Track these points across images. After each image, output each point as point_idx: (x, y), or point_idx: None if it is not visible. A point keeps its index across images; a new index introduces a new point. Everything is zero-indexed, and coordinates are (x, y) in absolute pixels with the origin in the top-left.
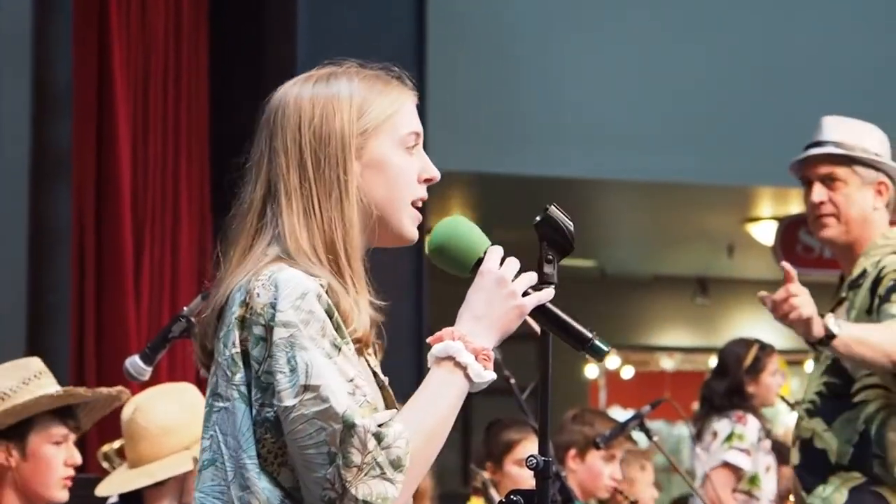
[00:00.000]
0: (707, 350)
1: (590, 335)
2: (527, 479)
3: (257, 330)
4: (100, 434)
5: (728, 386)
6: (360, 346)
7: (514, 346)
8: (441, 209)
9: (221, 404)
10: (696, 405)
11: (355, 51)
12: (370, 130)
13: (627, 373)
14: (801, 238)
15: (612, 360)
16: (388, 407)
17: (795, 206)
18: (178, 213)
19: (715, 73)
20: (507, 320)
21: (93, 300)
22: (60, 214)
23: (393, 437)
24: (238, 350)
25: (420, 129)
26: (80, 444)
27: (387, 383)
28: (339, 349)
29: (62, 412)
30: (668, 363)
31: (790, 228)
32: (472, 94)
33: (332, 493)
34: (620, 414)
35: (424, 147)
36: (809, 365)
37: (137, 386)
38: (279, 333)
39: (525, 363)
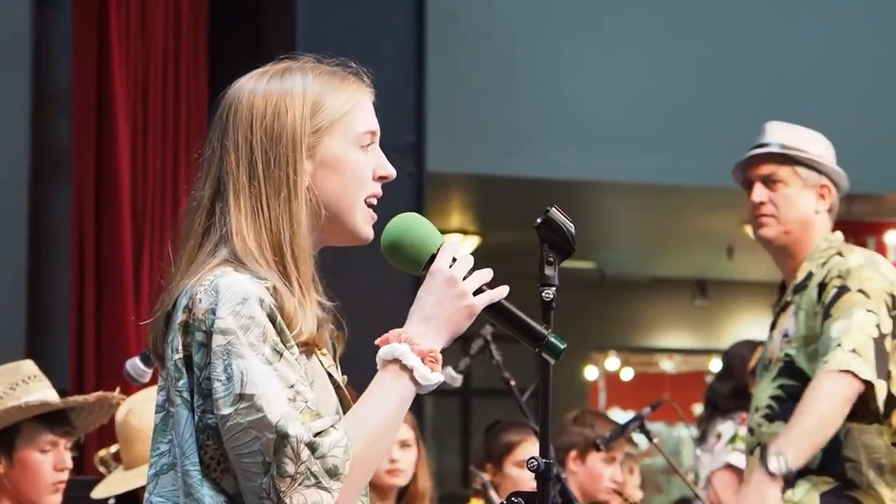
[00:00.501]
0: (706, 352)
1: (544, 332)
2: (527, 481)
3: (199, 336)
4: (99, 437)
5: (733, 388)
6: (309, 348)
7: (514, 348)
8: (441, 211)
9: (173, 409)
10: (696, 407)
11: (355, 52)
12: (324, 128)
13: (627, 374)
14: None
15: (612, 362)
16: (345, 407)
17: None
18: (178, 214)
19: (715, 75)
20: (456, 321)
21: (92, 300)
22: (60, 214)
23: (329, 445)
24: (181, 356)
25: (376, 127)
26: (80, 447)
27: (345, 382)
28: (281, 354)
29: (50, 418)
30: (667, 365)
31: None
32: (471, 96)
33: (267, 501)
34: (620, 416)
35: (424, 150)
36: None
37: (136, 388)
38: (217, 341)
39: (525, 365)
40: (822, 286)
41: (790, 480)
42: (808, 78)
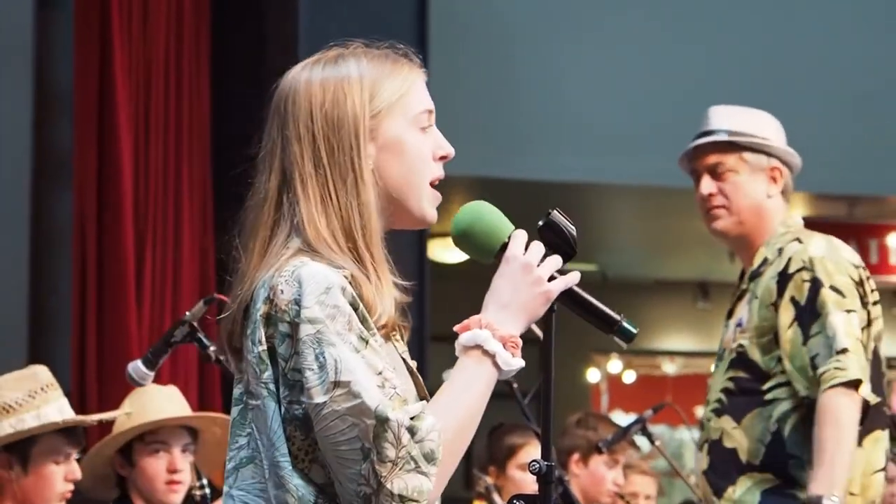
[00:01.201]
0: (709, 354)
1: (617, 317)
2: (530, 484)
3: (283, 327)
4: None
5: None
6: (386, 331)
7: None
8: (442, 213)
9: (253, 402)
10: (698, 409)
11: None
12: (383, 111)
13: (629, 377)
14: None
15: (614, 365)
16: (418, 392)
17: (796, 210)
18: (180, 216)
19: (716, 77)
20: (533, 306)
21: (94, 303)
22: (61, 217)
23: (426, 429)
24: (264, 347)
25: (432, 106)
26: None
27: (415, 368)
28: (367, 342)
29: (67, 430)
30: (669, 367)
31: None
32: (473, 99)
33: (367, 488)
34: (622, 418)
35: None
36: None
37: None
38: (305, 330)
39: (527, 367)
40: (785, 276)
41: None
42: (809, 79)
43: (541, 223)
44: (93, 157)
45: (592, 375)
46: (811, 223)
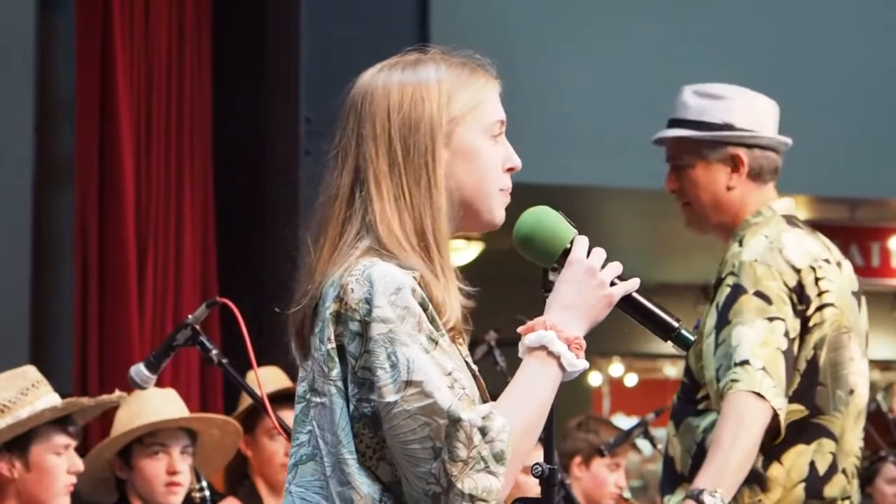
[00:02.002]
0: None
1: (676, 325)
2: (532, 487)
3: (353, 325)
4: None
5: None
6: (453, 334)
7: (516, 354)
8: None
9: (318, 399)
10: None
11: (357, 58)
12: (458, 118)
13: (631, 380)
14: None
15: (616, 368)
16: (481, 395)
17: (798, 213)
18: (182, 221)
19: (717, 80)
20: (597, 310)
21: (96, 308)
22: (63, 222)
23: (497, 430)
24: (334, 345)
25: (504, 117)
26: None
27: (477, 371)
28: (436, 343)
29: (62, 420)
30: (671, 370)
31: None
32: None
33: (436, 487)
34: (624, 421)
35: None
36: None
37: None
38: (377, 329)
39: None
40: (718, 280)
41: None
42: (811, 82)
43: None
44: (94, 161)
45: (594, 379)
46: (813, 226)
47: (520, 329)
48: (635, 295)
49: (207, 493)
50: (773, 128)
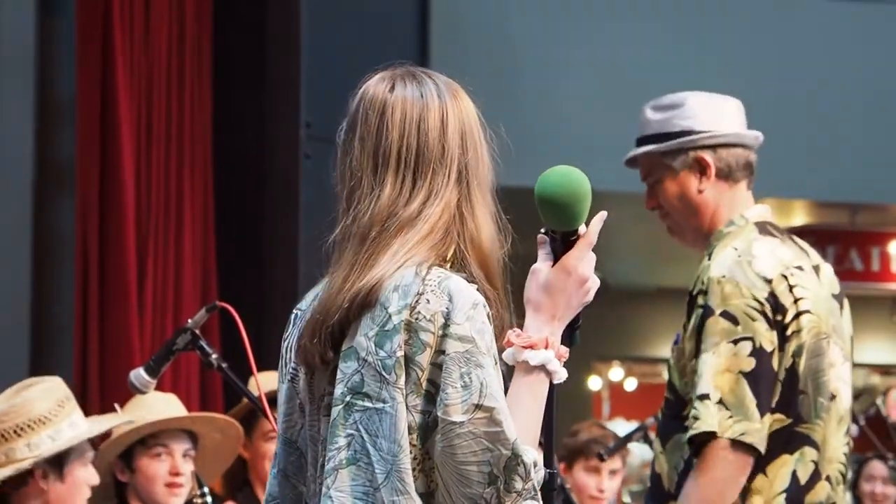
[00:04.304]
0: None
1: (578, 323)
2: None
3: (424, 336)
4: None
5: None
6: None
7: None
8: None
9: (368, 404)
10: None
11: (357, 63)
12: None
13: (631, 384)
14: None
15: (616, 372)
16: None
17: (798, 218)
18: (182, 225)
19: (716, 86)
20: (572, 316)
21: (96, 312)
22: (64, 226)
23: (539, 461)
24: (402, 353)
25: None
26: None
27: None
28: (496, 364)
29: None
30: None
31: None
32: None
33: None
34: (624, 426)
35: None
36: None
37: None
38: (454, 347)
39: None
40: (690, 297)
41: None
42: (811, 89)
43: (543, 231)
44: (95, 166)
45: (594, 383)
46: (813, 231)
47: (514, 339)
48: None
49: (209, 499)
50: (738, 124)
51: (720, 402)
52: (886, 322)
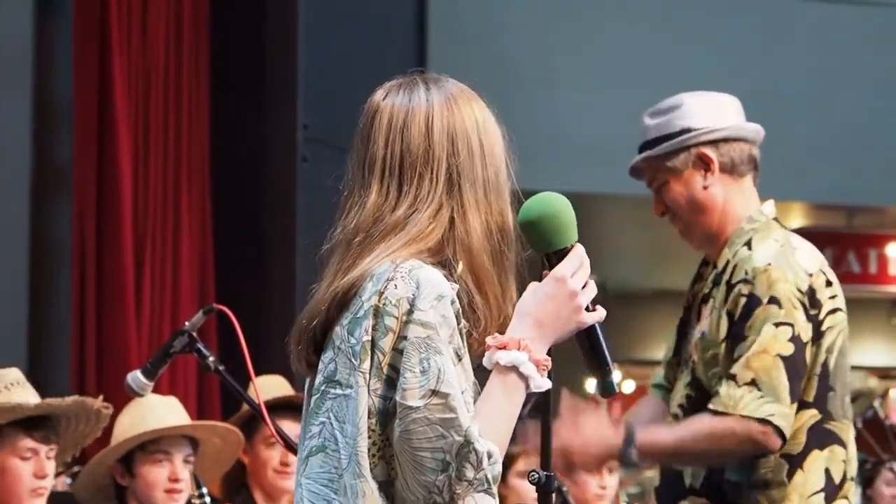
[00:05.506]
0: None
1: (610, 367)
2: (528, 492)
3: (388, 321)
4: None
5: None
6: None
7: None
8: None
9: (339, 391)
10: None
11: (355, 65)
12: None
13: (628, 387)
14: None
15: (614, 375)
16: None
17: (796, 220)
18: (179, 228)
19: (715, 87)
20: (564, 332)
21: (94, 314)
22: (61, 229)
23: (496, 453)
24: (369, 338)
25: None
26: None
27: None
28: (460, 359)
29: (29, 425)
30: None
31: None
32: None
33: (438, 498)
34: None
35: None
36: None
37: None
38: (416, 332)
39: None
40: (728, 286)
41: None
42: (808, 90)
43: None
44: (92, 169)
45: (591, 386)
46: (811, 233)
47: (490, 341)
48: (597, 326)
49: (208, 500)
50: (737, 119)
51: (752, 382)
52: (884, 324)
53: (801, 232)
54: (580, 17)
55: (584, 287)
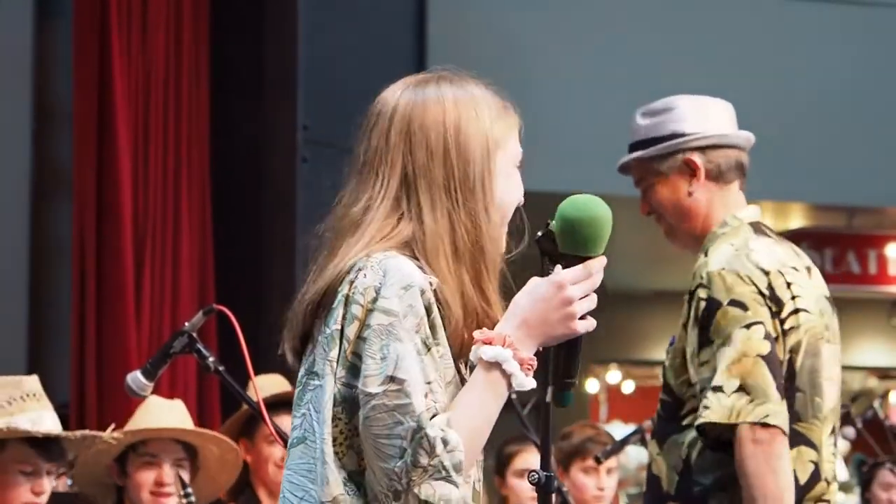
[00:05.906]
0: None
1: (575, 381)
2: (527, 491)
3: (354, 308)
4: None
5: None
6: (465, 350)
7: None
8: None
9: (317, 382)
10: None
11: (355, 66)
12: (499, 140)
13: (628, 387)
14: None
15: (613, 375)
16: None
17: (796, 221)
18: (179, 229)
19: (713, 89)
20: (552, 336)
21: (93, 315)
22: (61, 230)
23: (456, 440)
24: (338, 327)
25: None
26: None
27: None
28: (429, 349)
29: (37, 442)
30: None
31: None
32: None
33: (398, 485)
34: (622, 428)
35: None
36: None
37: (136, 402)
38: (378, 319)
39: None
40: (690, 293)
41: None
42: (808, 91)
43: (540, 234)
44: (92, 171)
45: (591, 386)
46: (811, 234)
47: (477, 335)
48: (580, 337)
49: (193, 498)
50: (729, 126)
51: (740, 388)
52: (884, 325)
53: (801, 232)
54: (576, 18)
55: (584, 298)
